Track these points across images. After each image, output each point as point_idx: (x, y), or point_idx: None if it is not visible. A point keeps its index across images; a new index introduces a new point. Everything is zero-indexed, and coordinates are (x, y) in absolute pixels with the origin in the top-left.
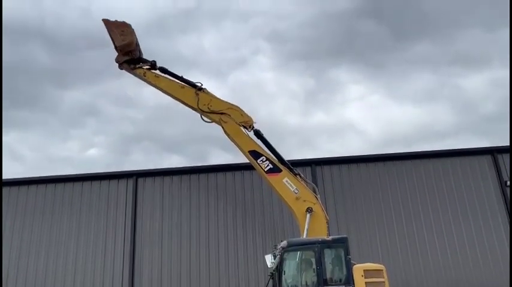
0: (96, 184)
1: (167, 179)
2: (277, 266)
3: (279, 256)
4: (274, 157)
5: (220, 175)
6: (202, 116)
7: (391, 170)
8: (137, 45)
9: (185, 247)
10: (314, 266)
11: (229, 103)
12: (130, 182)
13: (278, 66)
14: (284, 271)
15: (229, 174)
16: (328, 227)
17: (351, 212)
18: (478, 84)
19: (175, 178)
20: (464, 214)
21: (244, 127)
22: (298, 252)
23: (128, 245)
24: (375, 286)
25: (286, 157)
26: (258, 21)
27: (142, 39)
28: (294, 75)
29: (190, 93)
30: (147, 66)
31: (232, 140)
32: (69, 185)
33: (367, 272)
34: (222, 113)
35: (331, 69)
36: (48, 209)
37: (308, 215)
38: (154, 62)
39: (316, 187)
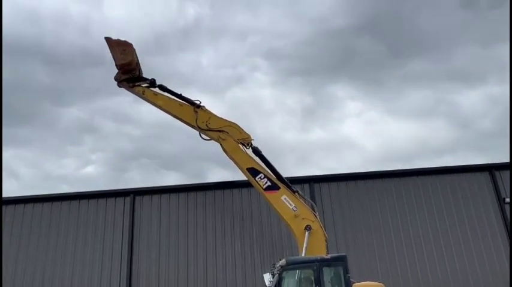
0: (93, 202)
1: (165, 197)
2: (275, 285)
3: (277, 274)
4: (272, 175)
5: (218, 193)
6: (201, 134)
7: (389, 187)
8: (137, 64)
9: (183, 265)
10: (313, 284)
11: (228, 121)
12: (128, 200)
13: (275, 83)
14: None
15: (227, 191)
16: (327, 245)
17: (350, 230)
18: (475, 100)
19: (173, 196)
20: (463, 231)
21: (242, 144)
22: (297, 271)
23: (124, 264)
24: None
25: (284, 173)
26: (255, 39)
27: (140, 56)
28: (292, 92)
29: (189, 111)
30: (146, 84)
31: (231, 157)
32: (65, 203)
33: None
34: (220, 131)
35: (328, 86)
36: (44, 228)
37: (307, 233)
38: (154, 80)
39: (314, 205)
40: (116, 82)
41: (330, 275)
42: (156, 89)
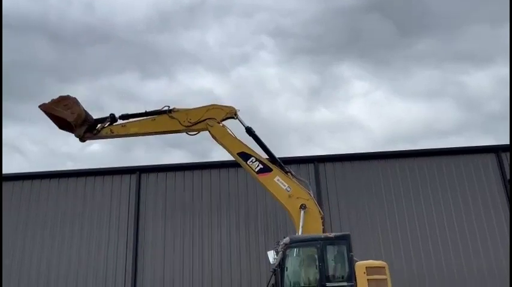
0: (99, 179)
1: (170, 174)
2: (279, 263)
3: (281, 252)
4: (263, 157)
5: (223, 171)
6: (187, 132)
7: (394, 167)
8: (85, 110)
9: (187, 243)
10: (316, 262)
11: (204, 106)
12: (134, 177)
13: (281, 62)
14: (286, 268)
15: (232, 170)
16: (323, 222)
17: (354, 210)
18: (483, 81)
19: (179, 174)
20: (467, 213)
21: (231, 117)
22: (301, 249)
23: (130, 240)
24: (377, 283)
25: (288, 153)
26: (261, 17)
27: (144, 35)
28: (298, 71)
29: (165, 120)
30: (108, 123)
31: (220, 144)
32: (72, 180)
33: (369, 269)
34: (204, 120)
35: (335, 65)
36: (52, 204)
37: (302, 211)
38: (113, 114)
39: (308, 183)
40: (79, 139)
41: (334, 254)
42: (120, 121)
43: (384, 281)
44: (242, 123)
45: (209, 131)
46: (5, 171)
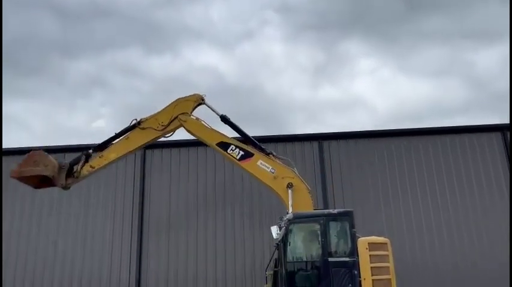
0: None
1: (175, 151)
2: (282, 238)
3: (284, 227)
4: (242, 144)
5: None
6: (165, 135)
7: (399, 145)
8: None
9: (193, 218)
10: (319, 238)
11: (170, 104)
12: (139, 153)
13: (287, 39)
14: (289, 243)
15: None
16: (311, 196)
17: (358, 187)
18: (491, 60)
19: (183, 150)
20: (471, 192)
21: (200, 104)
22: (304, 224)
23: (136, 216)
24: (379, 259)
25: (293, 132)
26: None
27: (149, 10)
28: (303, 48)
29: (139, 134)
30: (84, 160)
31: (197, 137)
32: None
33: (371, 245)
34: (175, 117)
35: (341, 42)
36: None
37: (289, 190)
38: (86, 152)
39: (291, 161)
40: (63, 189)
41: (336, 230)
42: (97, 153)
43: (386, 257)
44: (211, 109)
45: (184, 127)
46: (10, 146)
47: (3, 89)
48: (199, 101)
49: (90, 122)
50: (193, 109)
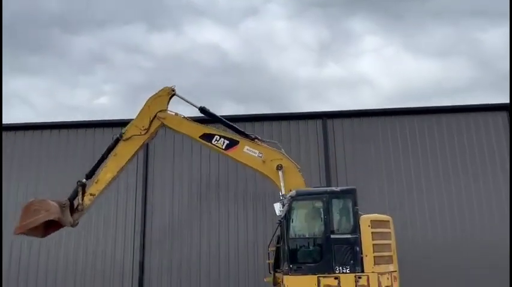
0: (108, 130)
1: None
2: (285, 215)
3: (287, 204)
4: (226, 133)
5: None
6: (152, 139)
7: (403, 124)
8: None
9: (195, 190)
10: (322, 215)
11: (143, 106)
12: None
13: (291, 16)
14: (292, 220)
15: (239, 125)
16: (302, 174)
17: (361, 166)
18: (499, 38)
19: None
20: (474, 171)
21: (172, 96)
22: (307, 201)
23: (140, 191)
24: (380, 236)
25: (296, 110)
26: None
27: None
28: (308, 25)
29: (125, 147)
30: (81, 191)
31: (179, 132)
32: (81, 131)
33: (373, 223)
34: (153, 118)
35: (346, 19)
36: (61, 155)
37: (280, 172)
38: (80, 181)
39: (277, 143)
40: (72, 226)
41: (339, 207)
42: (92, 180)
43: (388, 235)
44: (184, 100)
45: (164, 124)
46: (13, 121)
47: (3, 67)
48: (171, 93)
49: (92, 99)
50: (168, 103)
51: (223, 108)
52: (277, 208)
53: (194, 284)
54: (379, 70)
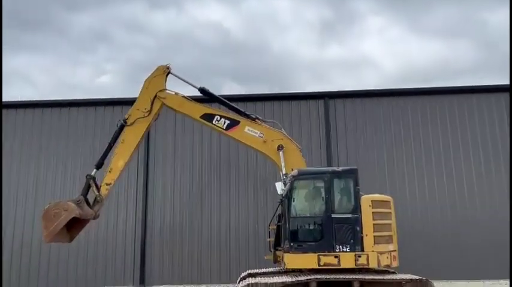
0: (109, 109)
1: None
2: (286, 194)
3: (289, 184)
4: (227, 113)
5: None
6: (153, 121)
7: (406, 105)
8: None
9: (196, 167)
10: (323, 195)
11: (142, 88)
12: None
13: None
14: (293, 199)
15: (241, 105)
16: (302, 154)
17: (362, 146)
18: (506, 19)
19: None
20: (475, 153)
21: (168, 74)
22: (308, 181)
23: (141, 168)
24: (381, 216)
25: (298, 90)
26: None
27: None
28: (311, 5)
29: (132, 131)
30: (94, 184)
31: (179, 112)
32: (82, 109)
33: (374, 203)
34: (154, 98)
35: None
36: (62, 133)
37: (280, 152)
38: (89, 175)
39: (277, 123)
40: (94, 219)
41: (340, 187)
42: (106, 170)
43: (388, 215)
44: (179, 78)
45: (165, 104)
46: (15, 99)
47: (3, 45)
48: (166, 71)
49: (94, 78)
50: (166, 81)
51: (224, 88)
52: (279, 187)
53: (195, 262)
54: (383, 51)
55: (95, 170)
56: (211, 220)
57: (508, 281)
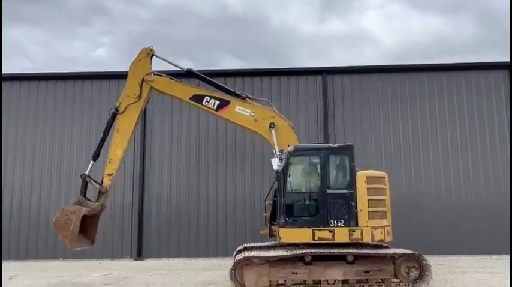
0: (105, 82)
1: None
2: (282, 169)
3: (285, 159)
4: (216, 93)
5: (229, 80)
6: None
7: (404, 81)
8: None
9: (193, 141)
10: (319, 170)
11: (128, 72)
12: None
13: None
14: (289, 174)
15: (238, 80)
16: (295, 131)
17: (359, 122)
18: None
19: (184, 81)
20: (472, 130)
21: (152, 56)
22: (304, 157)
23: (138, 142)
24: (376, 192)
25: (297, 66)
26: None
27: None
28: None
29: (124, 119)
30: (91, 179)
31: (169, 95)
32: (79, 82)
33: (369, 179)
34: (142, 82)
35: None
36: (59, 106)
37: (272, 130)
38: (83, 174)
39: (268, 101)
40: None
41: (336, 163)
42: (106, 160)
43: (383, 191)
44: (166, 61)
45: (154, 88)
46: (11, 72)
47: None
48: (150, 53)
49: (90, 51)
50: (151, 64)
51: (223, 63)
52: (275, 162)
53: (192, 235)
54: (383, 27)
55: (92, 161)
56: (208, 194)
57: (499, 257)
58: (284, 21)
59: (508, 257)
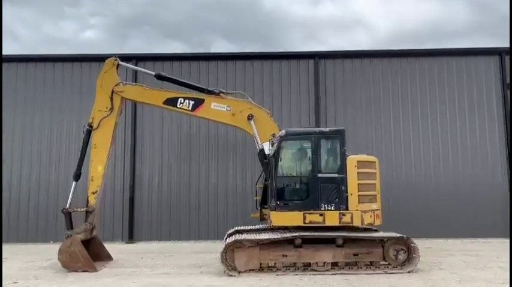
0: (95, 65)
1: (167, 64)
2: (274, 154)
3: (276, 144)
4: (189, 93)
5: (221, 64)
6: (119, 117)
7: (395, 66)
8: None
9: (185, 126)
10: (310, 155)
11: (96, 89)
12: (131, 65)
13: None
14: (280, 158)
15: (230, 63)
16: (273, 119)
17: (351, 107)
18: None
19: (176, 64)
20: (462, 116)
21: (118, 66)
22: (295, 141)
23: (129, 127)
24: (366, 176)
25: (289, 49)
26: None
27: None
28: None
29: (100, 134)
30: (82, 208)
31: (140, 102)
32: (67, 64)
33: (360, 163)
34: (112, 94)
35: None
36: (47, 89)
37: (251, 121)
38: (64, 209)
39: (242, 93)
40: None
41: (327, 147)
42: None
43: (373, 175)
44: (132, 68)
45: (124, 98)
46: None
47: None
48: (115, 63)
49: (79, 33)
50: (118, 74)
51: (214, 46)
52: (267, 146)
53: (184, 219)
54: (376, 11)
55: (74, 182)
56: (200, 177)
57: (484, 240)
58: (276, 4)
59: (494, 240)
